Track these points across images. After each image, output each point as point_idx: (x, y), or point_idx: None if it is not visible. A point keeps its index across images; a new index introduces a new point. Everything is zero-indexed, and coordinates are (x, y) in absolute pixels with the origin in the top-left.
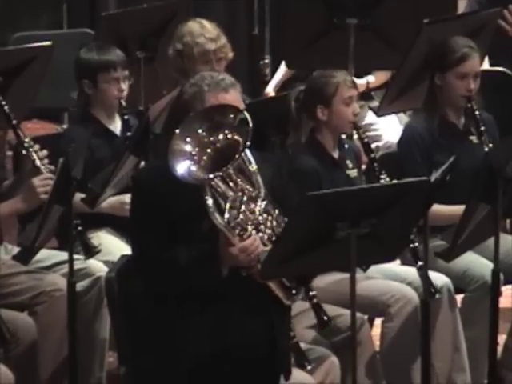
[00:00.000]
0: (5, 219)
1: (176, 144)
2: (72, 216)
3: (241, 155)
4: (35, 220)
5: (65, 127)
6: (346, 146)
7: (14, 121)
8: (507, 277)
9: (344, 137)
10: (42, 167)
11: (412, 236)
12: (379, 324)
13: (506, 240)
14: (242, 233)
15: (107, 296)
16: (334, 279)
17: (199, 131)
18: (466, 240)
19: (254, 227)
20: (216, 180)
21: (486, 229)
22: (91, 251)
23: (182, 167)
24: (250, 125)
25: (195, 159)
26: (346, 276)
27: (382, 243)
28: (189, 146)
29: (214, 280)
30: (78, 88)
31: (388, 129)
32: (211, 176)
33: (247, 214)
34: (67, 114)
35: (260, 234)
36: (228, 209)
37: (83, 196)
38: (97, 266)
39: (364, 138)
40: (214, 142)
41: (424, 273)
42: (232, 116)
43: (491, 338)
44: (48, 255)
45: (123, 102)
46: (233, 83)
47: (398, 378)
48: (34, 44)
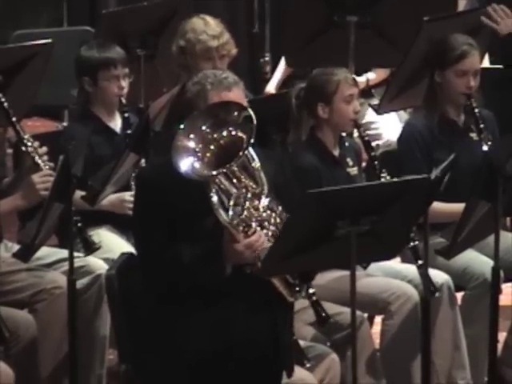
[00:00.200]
0: (5, 216)
1: (180, 140)
2: (72, 214)
3: (245, 152)
4: (35, 217)
5: (65, 125)
6: (347, 144)
7: (14, 118)
8: (507, 274)
9: (344, 135)
10: (42, 164)
11: (412, 234)
12: (379, 322)
13: (506, 237)
14: (247, 229)
15: (107, 293)
16: (334, 277)
17: (203, 128)
18: (466, 237)
19: (258, 224)
20: (220, 177)
21: (486, 226)
22: (91, 247)
23: (186, 164)
24: (255, 122)
25: (199, 156)
26: (346, 273)
27: (382, 241)
28: (192, 143)
29: (218, 277)
30: (78, 85)
31: (388, 127)
32: (215, 173)
33: (251, 211)
34: (67, 112)
35: (264, 231)
36: (232, 206)
37: (83, 193)
38: (97, 264)
39: (365, 137)
40: (218, 139)
41: (424, 271)
42: (236, 113)
43: (491, 336)
44: (48, 253)
45: (123, 100)
46: (236, 81)
47: (398, 376)
48: (35, 42)
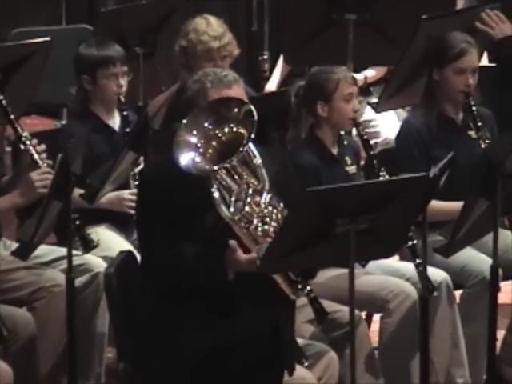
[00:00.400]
0: (3, 214)
1: (181, 136)
2: (70, 212)
3: (246, 147)
4: (34, 216)
5: (64, 123)
6: (345, 143)
7: (13, 116)
8: (506, 272)
9: (343, 133)
10: (41, 162)
11: (410, 233)
12: (378, 320)
13: (505, 236)
14: (248, 225)
15: (106, 291)
16: (333, 275)
17: (205, 125)
18: (465, 236)
19: (260, 220)
20: (221, 173)
21: (485, 224)
22: (89, 245)
23: (186, 158)
24: (255, 116)
25: (200, 151)
26: (345, 271)
27: (381, 239)
28: (194, 138)
29: (220, 283)
30: (77, 83)
31: (386, 125)
32: (216, 168)
33: (253, 207)
34: (66, 110)
35: (266, 227)
36: (233, 201)
37: (82, 191)
38: (95, 262)
39: (364, 135)
40: (220, 136)
41: (423, 270)
42: (236, 110)
43: (490, 334)
44: (47, 251)
45: (122, 98)
46: (236, 79)
47: (397, 374)
48: (33, 40)
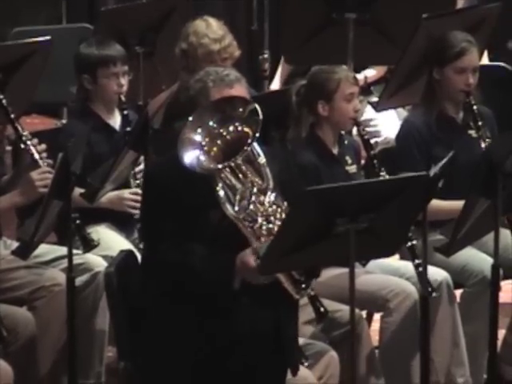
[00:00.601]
0: (3, 213)
1: (186, 134)
2: (71, 211)
3: (250, 145)
4: (34, 215)
5: (64, 122)
6: (346, 142)
7: (13, 115)
8: (506, 272)
9: (343, 133)
10: (41, 161)
11: (410, 233)
12: (378, 319)
13: (505, 235)
14: (253, 224)
15: (106, 291)
16: (333, 274)
17: (210, 123)
18: (466, 235)
19: (264, 218)
20: (225, 172)
21: (486, 224)
22: (90, 245)
23: (191, 156)
24: (260, 116)
25: (205, 150)
26: (345, 271)
27: (381, 238)
28: (199, 137)
29: (225, 289)
30: (78, 83)
31: (387, 124)
32: (220, 166)
33: (257, 206)
34: (66, 109)
35: (270, 226)
36: (238, 200)
37: (82, 191)
38: (96, 261)
39: (364, 135)
40: (225, 135)
41: (423, 270)
42: (241, 109)
43: (491, 333)
44: (47, 250)
45: (123, 97)
46: (238, 78)
47: (397, 373)
48: (33, 39)
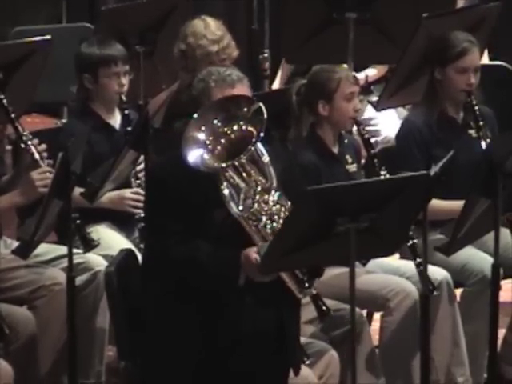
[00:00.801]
0: (4, 213)
1: (190, 132)
2: (71, 210)
3: (255, 145)
4: (34, 214)
5: (64, 121)
6: (346, 141)
7: (13, 115)
8: (506, 271)
9: (343, 132)
10: (41, 161)
11: (410, 232)
12: (378, 318)
13: (505, 234)
14: (257, 223)
15: (106, 290)
16: (334, 273)
17: (214, 122)
18: (466, 234)
19: (268, 217)
20: (229, 171)
21: (486, 223)
22: (90, 244)
23: (195, 155)
24: (265, 115)
25: (209, 148)
26: (346, 270)
27: (382, 237)
28: (203, 135)
29: (230, 285)
30: (78, 82)
31: (387, 124)
32: (224, 165)
33: (261, 204)
34: (66, 108)
35: (274, 224)
36: (242, 199)
37: (82, 190)
38: (96, 260)
39: (364, 134)
40: (229, 133)
41: (423, 268)
42: (246, 109)
43: (491, 333)
44: (47, 249)
45: (123, 97)
46: (240, 78)
47: (397, 372)
48: (34, 38)
